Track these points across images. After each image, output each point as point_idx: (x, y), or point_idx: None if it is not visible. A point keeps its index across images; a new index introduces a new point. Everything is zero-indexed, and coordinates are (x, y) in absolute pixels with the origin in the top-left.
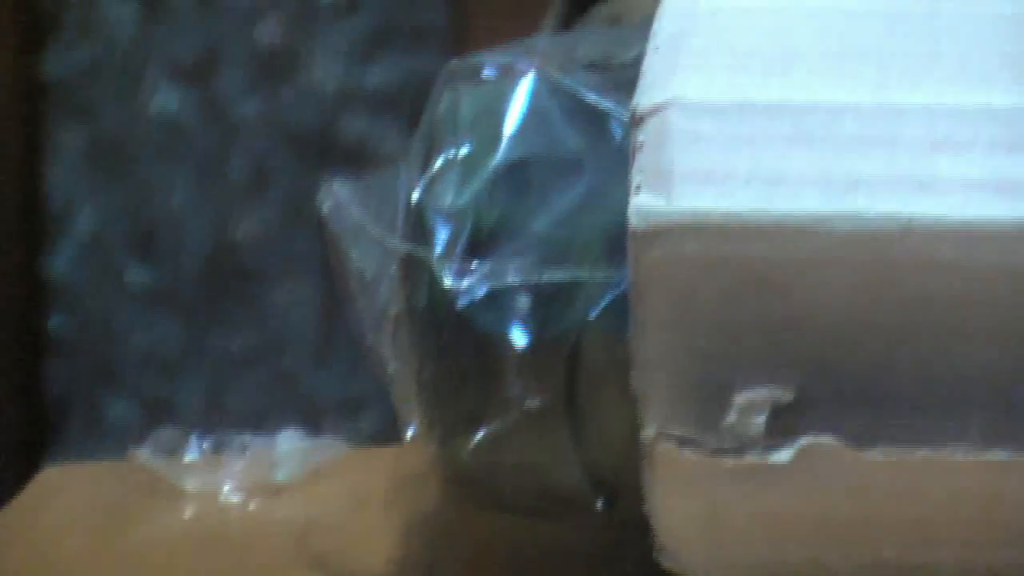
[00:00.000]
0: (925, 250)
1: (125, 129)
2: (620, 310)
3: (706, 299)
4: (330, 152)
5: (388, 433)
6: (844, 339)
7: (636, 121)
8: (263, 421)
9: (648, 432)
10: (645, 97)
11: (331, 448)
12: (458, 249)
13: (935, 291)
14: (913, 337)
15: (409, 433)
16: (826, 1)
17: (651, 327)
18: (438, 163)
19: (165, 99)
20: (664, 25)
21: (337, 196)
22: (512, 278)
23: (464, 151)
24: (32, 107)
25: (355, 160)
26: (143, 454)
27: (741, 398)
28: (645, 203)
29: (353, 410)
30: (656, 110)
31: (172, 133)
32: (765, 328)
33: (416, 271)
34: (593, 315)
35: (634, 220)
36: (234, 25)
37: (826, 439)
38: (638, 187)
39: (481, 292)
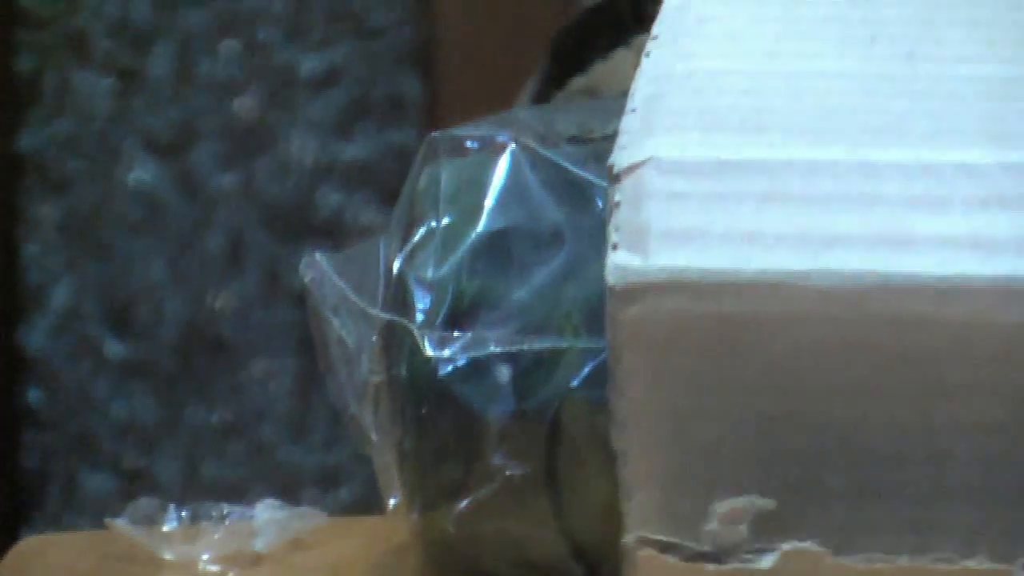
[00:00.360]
0: (902, 306)
1: (101, 202)
2: (601, 379)
3: (683, 356)
4: (306, 225)
5: (366, 503)
6: (821, 394)
7: (613, 179)
8: (241, 492)
9: (629, 537)
10: (622, 156)
11: (309, 518)
12: (439, 319)
13: (912, 347)
14: (890, 392)
15: (391, 503)
16: (801, 64)
17: (629, 385)
18: (419, 234)
19: (141, 173)
20: (641, 87)
21: (319, 267)
22: (493, 348)
23: (445, 222)
24: (8, 180)
25: (331, 233)
26: (121, 524)
27: (723, 505)
28: (622, 261)
29: (331, 481)
30: (633, 169)
31: (148, 207)
32: (742, 384)
33: (397, 341)
34: (574, 384)
35: (611, 278)
36: (210, 99)
37: (808, 545)
38: (615, 245)
39: (462, 362)
